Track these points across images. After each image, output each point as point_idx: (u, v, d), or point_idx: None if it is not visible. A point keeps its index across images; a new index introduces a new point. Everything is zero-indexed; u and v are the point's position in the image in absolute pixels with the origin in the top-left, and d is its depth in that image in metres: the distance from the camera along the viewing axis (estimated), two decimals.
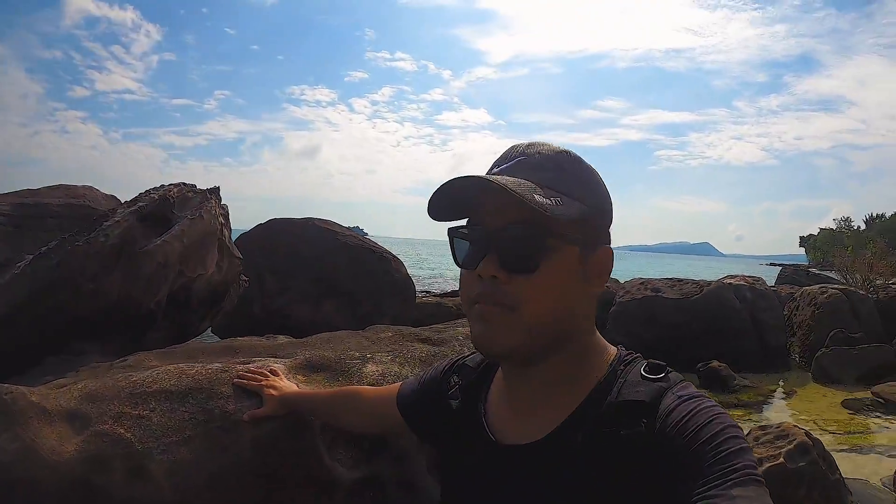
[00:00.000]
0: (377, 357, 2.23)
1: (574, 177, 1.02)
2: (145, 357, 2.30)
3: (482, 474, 1.10)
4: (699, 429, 0.86)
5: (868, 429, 7.13)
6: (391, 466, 2.02)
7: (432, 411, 1.31)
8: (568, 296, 1.00)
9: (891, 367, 9.62)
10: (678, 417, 0.89)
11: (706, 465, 0.82)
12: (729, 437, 0.84)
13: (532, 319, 0.98)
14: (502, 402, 1.14)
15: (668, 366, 1.01)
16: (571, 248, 0.99)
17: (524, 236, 0.97)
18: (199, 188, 3.71)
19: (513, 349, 1.00)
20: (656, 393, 0.95)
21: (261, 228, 7.96)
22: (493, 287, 0.99)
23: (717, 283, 11.29)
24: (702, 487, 0.80)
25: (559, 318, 1.00)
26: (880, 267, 16.18)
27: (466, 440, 1.17)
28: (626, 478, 0.90)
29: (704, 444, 0.84)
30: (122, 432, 1.69)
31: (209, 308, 3.91)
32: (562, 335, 1.02)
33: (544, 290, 0.97)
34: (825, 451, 4.38)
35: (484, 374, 1.23)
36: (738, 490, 0.77)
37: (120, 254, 3.01)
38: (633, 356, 1.07)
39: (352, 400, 1.65)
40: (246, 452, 1.77)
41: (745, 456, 0.82)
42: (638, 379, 0.99)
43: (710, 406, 0.91)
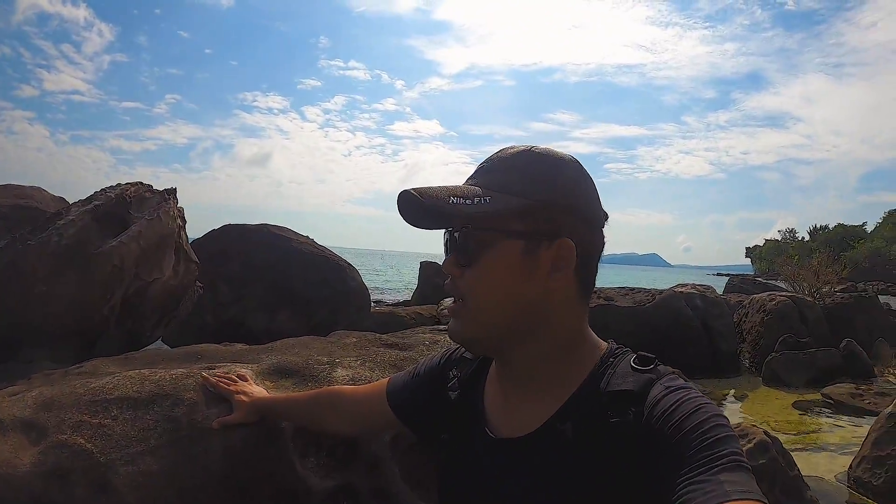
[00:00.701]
0: (345, 361, 2.18)
1: (518, 174, 1.04)
2: (102, 363, 2.20)
3: (478, 467, 1.12)
4: (686, 417, 0.87)
5: (819, 428, 7.37)
6: (365, 474, 1.97)
7: (430, 404, 1.31)
8: (511, 287, 1.03)
9: (839, 370, 9.96)
10: (665, 406, 0.91)
11: (693, 451, 0.82)
12: (715, 424, 0.85)
13: (476, 309, 1.05)
14: (497, 395, 1.16)
15: (657, 358, 1.03)
16: (512, 241, 1.02)
17: (461, 234, 1.04)
18: (156, 188, 3.62)
19: (469, 339, 1.09)
20: (644, 383, 0.97)
21: (213, 235, 7.78)
22: (452, 282, 1.08)
23: (669, 292, 11.55)
24: (689, 473, 0.80)
25: (506, 308, 1.04)
26: (827, 275, 16.56)
27: (464, 433, 1.19)
28: (616, 466, 0.91)
29: (691, 431, 0.85)
30: (83, 442, 1.60)
31: (163, 315, 3.80)
32: (523, 325, 1.05)
33: (483, 282, 1.03)
34: (783, 449, 4.47)
35: (481, 367, 1.24)
36: (726, 475, 0.78)
37: (74, 255, 2.90)
38: (623, 350, 1.09)
39: (335, 401, 1.61)
40: (216, 462, 1.69)
41: (731, 443, 0.83)
42: (627, 370, 1.01)
43: (697, 396, 0.92)
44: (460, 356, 1.31)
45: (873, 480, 5.14)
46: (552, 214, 1.04)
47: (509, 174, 1.04)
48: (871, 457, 5.24)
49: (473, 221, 1.02)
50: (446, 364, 1.33)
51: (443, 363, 1.35)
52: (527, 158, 1.06)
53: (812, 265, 17.28)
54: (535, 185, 1.03)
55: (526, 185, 1.03)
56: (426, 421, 1.33)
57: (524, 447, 1.04)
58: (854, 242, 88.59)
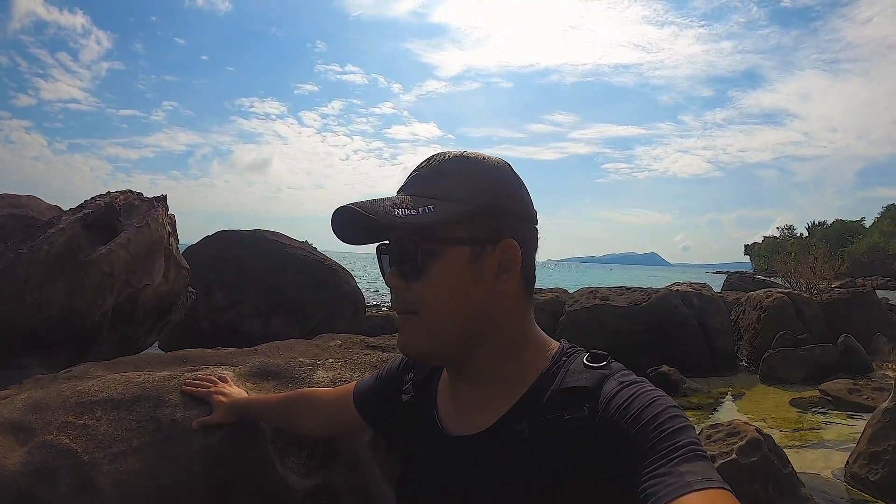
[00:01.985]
0: (327, 363, 2.22)
1: (456, 180, 1.04)
2: (92, 367, 2.23)
3: (434, 466, 1.12)
4: (641, 410, 0.88)
5: (816, 425, 7.35)
6: (345, 474, 2.00)
7: (389, 406, 1.32)
8: (463, 295, 1.03)
9: (836, 366, 9.92)
10: (620, 401, 0.91)
11: (651, 444, 0.83)
12: (671, 416, 0.86)
13: (431, 321, 1.03)
14: (450, 395, 1.17)
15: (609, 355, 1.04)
16: (458, 249, 1.02)
17: (403, 247, 1.03)
18: (146, 196, 3.63)
19: (425, 352, 1.07)
20: (598, 379, 0.97)
21: (209, 241, 7.79)
22: (398, 296, 1.06)
23: (665, 291, 11.49)
24: (649, 466, 0.80)
25: (459, 317, 1.03)
26: (823, 271, 16.57)
27: (420, 433, 1.20)
28: (573, 462, 0.91)
29: (647, 424, 0.85)
30: (68, 442, 1.64)
31: (156, 321, 3.82)
32: (474, 331, 1.05)
33: (435, 292, 1.02)
34: (776, 446, 4.46)
35: (435, 369, 1.25)
36: (686, 466, 0.78)
37: (64, 262, 2.95)
38: (575, 349, 1.10)
39: (307, 402, 1.64)
40: (196, 462, 1.73)
41: (688, 433, 0.84)
42: (580, 367, 1.01)
43: (652, 389, 0.93)
44: None
45: (870, 476, 5.13)
46: (493, 218, 1.04)
47: (446, 181, 1.04)
48: (868, 452, 5.24)
49: (420, 232, 1.00)
50: (405, 367, 1.35)
51: (402, 366, 1.36)
52: (460, 164, 1.06)
53: (809, 262, 17.30)
54: (473, 191, 1.03)
55: (465, 191, 1.03)
56: (389, 423, 1.36)
57: (478, 445, 1.04)
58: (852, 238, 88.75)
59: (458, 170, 1.05)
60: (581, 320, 10.77)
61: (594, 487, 0.89)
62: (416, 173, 1.08)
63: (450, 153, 1.08)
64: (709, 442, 4.53)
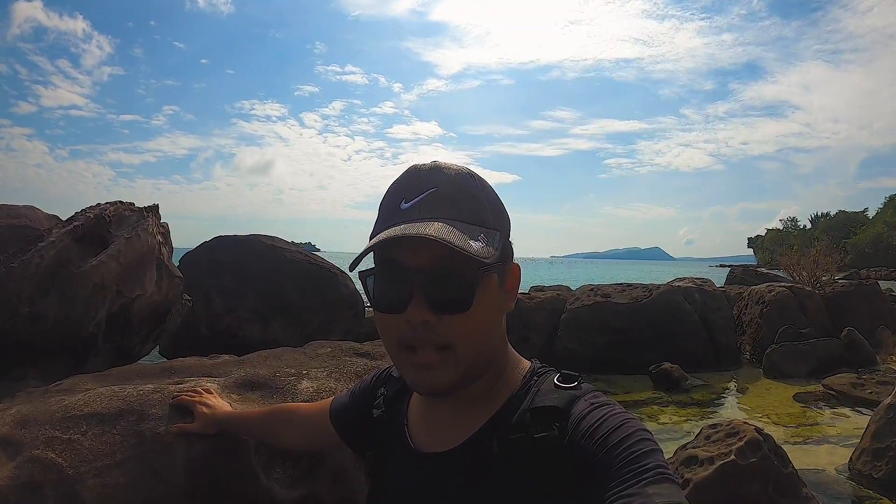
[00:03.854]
0: (312, 373, 2.23)
1: (486, 203, 1.02)
2: (81, 380, 2.25)
3: (404, 482, 1.11)
4: (610, 432, 0.88)
5: (820, 420, 7.37)
6: (330, 484, 2.01)
7: (361, 422, 1.32)
8: (496, 322, 1.03)
9: (840, 360, 9.91)
10: (591, 422, 0.91)
11: (619, 466, 0.83)
12: (640, 439, 0.86)
13: (468, 356, 0.98)
14: (422, 411, 1.17)
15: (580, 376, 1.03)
16: (493, 276, 0.99)
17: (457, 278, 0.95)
18: (136, 206, 3.63)
19: (452, 386, 0.99)
20: (568, 399, 0.97)
21: (205, 247, 7.80)
22: (425, 331, 0.96)
23: (667, 287, 11.50)
24: (617, 487, 0.81)
25: (489, 346, 1.03)
26: (826, 263, 16.54)
27: (389, 449, 1.20)
28: (541, 481, 0.91)
29: (616, 446, 0.85)
30: (54, 457, 1.65)
31: (151, 329, 3.84)
32: (490, 359, 1.04)
33: (477, 325, 0.98)
34: (776, 446, 4.44)
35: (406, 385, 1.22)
36: (653, 488, 0.78)
37: (55, 275, 2.97)
38: (546, 368, 1.10)
39: (288, 416, 1.65)
40: (179, 475, 1.74)
41: (656, 456, 0.84)
42: (551, 387, 1.01)
43: (621, 412, 0.93)
44: (389, 374, 1.33)
45: (874, 473, 5.12)
46: (506, 241, 1.03)
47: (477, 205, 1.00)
48: (872, 449, 5.23)
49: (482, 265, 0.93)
50: (377, 382, 1.35)
51: (374, 382, 1.36)
52: (477, 184, 1.02)
53: (812, 255, 17.26)
54: (497, 215, 1.03)
55: (494, 215, 1.02)
56: (361, 439, 1.35)
57: (448, 462, 1.04)
58: (856, 229, 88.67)
59: (482, 192, 1.02)
60: (582, 318, 10.79)
61: None
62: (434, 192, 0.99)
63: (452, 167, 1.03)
64: (708, 442, 4.52)
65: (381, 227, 0.99)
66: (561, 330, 10.88)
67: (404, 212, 0.98)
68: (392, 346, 1.01)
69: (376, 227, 1.01)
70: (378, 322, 1.03)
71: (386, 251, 0.97)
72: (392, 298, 0.98)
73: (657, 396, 8.50)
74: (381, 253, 0.99)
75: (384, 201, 1.04)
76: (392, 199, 1.02)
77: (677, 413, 7.74)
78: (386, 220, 0.99)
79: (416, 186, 1.01)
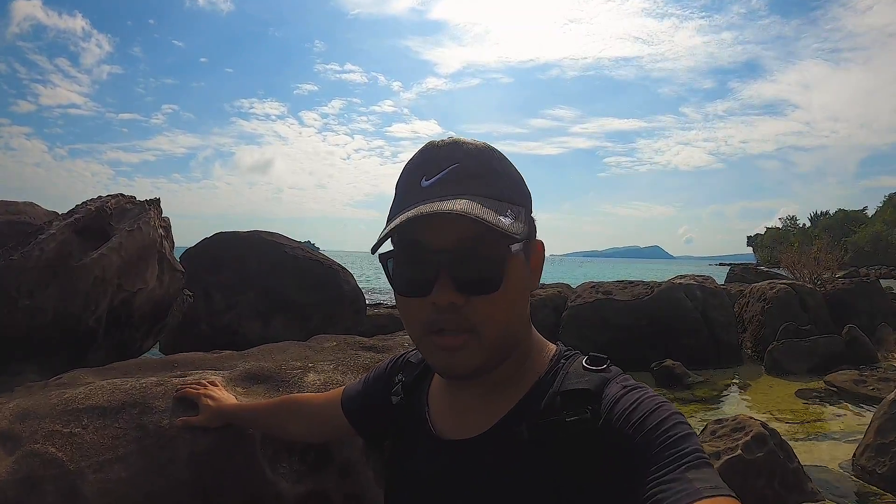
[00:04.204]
0: (319, 366, 2.18)
1: (508, 178, 0.99)
2: (81, 374, 2.21)
3: (426, 470, 1.08)
4: (647, 415, 0.86)
5: (823, 416, 7.37)
6: (337, 479, 1.96)
7: (376, 410, 1.29)
8: (522, 302, 1.00)
9: (841, 356, 9.92)
10: (626, 405, 0.89)
11: (658, 450, 0.82)
12: (676, 422, 0.85)
13: (495, 338, 0.95)
14: (445, 397, 1.13)
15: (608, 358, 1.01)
16: (520, 255, 0.96)
17: (485, 257, 0.92)
18: (138, 200, 3.60)
19: (478, 369, 0.97)
20: (600, 382, 0.95)
21: (206, 243, 7.76)
22: (451, 313, 0.93)
23: (668, 284, 11.54)
24: (656, 472, 0.79)
25: (515, 328, 0.99)
26: (827, 261, 16.55)
27: (410, 437, 1.16)
28: (573, 465, 0.89)
29: (654, 429, 0.84)
30: (54, 451, 1.62)
31: (152, 325, 3.81)
32: (515, 342, 1.01)
33: (505, 306, 0.95)
34: (782, 441, 4.44)
35: (426, 370, 1.22)
36: (693, 473, 0.77)
37: (56, 268, 2.94)
38: (573, 352, 1.07)
39: (296, 407, 1.60)
40: (183, 469, 1.70)
41: (693, 440, 0.83)
42: (580, 370, 0.99)
43: (655, 395, 0.92)
44: (406, 360, 1.29)
45: (878, 469, 5.12)
46: (529, 217, 1.01)
47: (502, 181, 0.98)
48: (875, 445, 5.22)
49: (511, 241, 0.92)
50: (393, 369, 1.31)
51: (390, 368, 1.32)
52: (497, 158, 1.00)
53: (812, 252, 17.26)
54: (520, 189, 1.00)
55: (518, 190, 1.00)
56: (376, 428, 1.31)
57: (474, 449, 1.01)
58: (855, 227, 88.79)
59: (502, 166, 1.00)
60: (584, 315, 10.79)
61: (595, 491, 0.87)
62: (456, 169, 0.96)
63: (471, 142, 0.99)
64: (714, 437, 4.51)
65: (400, 206, 0.96)
66: (562, 327, 10.89)
67: (426, 189, 0.95)
68: (416, 331, 0.98)
69: (394, 207, 0.98)
70: (400, 306, 1.00)
71: (408, 232, 0.93)
72: (416, 281, 0.94)
73: (659, 393, 8.42)
74: (402, 234, 0.96)
75: (402, 179, 1.00)
76: (411, 177, 0.98)
77: (679, 410, 7.71)
78: (406, 199, 0.96)
79: (436, 163, 0.97)
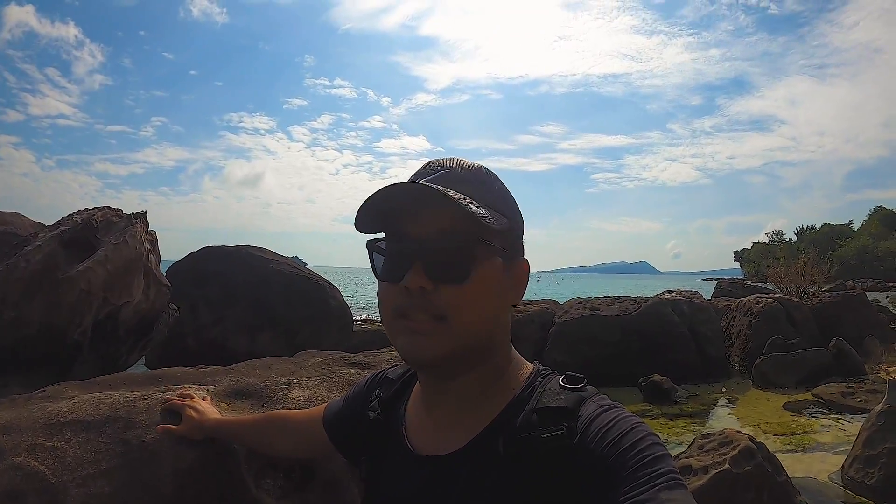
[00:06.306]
0: (304, 382, 2.18)
1: (494, 190, 1.05)
2: (66, 387, 2.19)
3: (403, 486, 1.09)
4: (623, 435, 0.87)
5: (811, 429, 7.40)
6: (322, 495, 1.94)
7: (354, 426, 1.30)
8: (494, 305, 1.02)
9: (829, 369, 9.97)
10: (602, 424, 0.90)
11: (631, 470, 0.83)
12: (651, 443, 0.86)
13: (461, 329, 0.98)
14: (421, 413, 1.14)
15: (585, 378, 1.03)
16: (498, 259, 1.00)
17: (456, 245, 0.97)
18: (124, 213, 3.57)
19: (442, 358, 0.99)
20: (576, 400, 0.96)
21: (193, 257, 7.73)
22: (420, 298, 0.97)
23: (655, 299, 11.60)
24: (630, 493, 0.80)
25: (486, 327, 1.02)
26: (813, 275, 16.64)
27: (386, 452, 1.17)
28: (548, 482, 0.90)
29: (629, 449, 0.85)
30: (37, 465, 1.60)
31: (138, 339, 3.78)
32: (487, 345, 1.03)
33: (474, 299, 0.98)
34: (770, 454, 4.45)
35: (404, 386, 1.24)
36: (666, 494, 0.78)
37: (42, 280, 2.91)
38: (549, 370, 1.10)
39: (281, 423, 1.61)
40: (166, 484, 1.68)
41: (667, 461, 0.84)
42: (556, 388, 1.01)
43: (631, 415, 0.92)
44: (384, 377, 1.32)
45: (866, 480, 5.14)
46: (517, 235, 1.07)
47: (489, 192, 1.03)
48: (864, 456, 5.25)
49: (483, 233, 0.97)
50: (371, 385, 1.33)
51: (368, 385, 1.35)
52: (489, 175, 1.06)
53: (798, 265, 17.36)
54: (505, 204, 1.05)
55: (504, 205, 1.04)
56: (355, 444, 1.31)
57: (451, 464, 1.01)
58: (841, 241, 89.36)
59: (492, 182, 1.06)
60: (571, 331, 10.81)
61: None
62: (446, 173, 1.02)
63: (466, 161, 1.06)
64: (701, 452, 4.52)
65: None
66: (550, 343, 10.91)
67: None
68: (388, 315, 1.02)
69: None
70: (379, 294, 1.05)
71: (394, 223, 1.01)
72: (393, 267, 1.00)
73: (647, 408, 8.48)
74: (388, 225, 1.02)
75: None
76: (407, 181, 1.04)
77: (668, 425, 7.75)
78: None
79: (431, 170, 1.05)
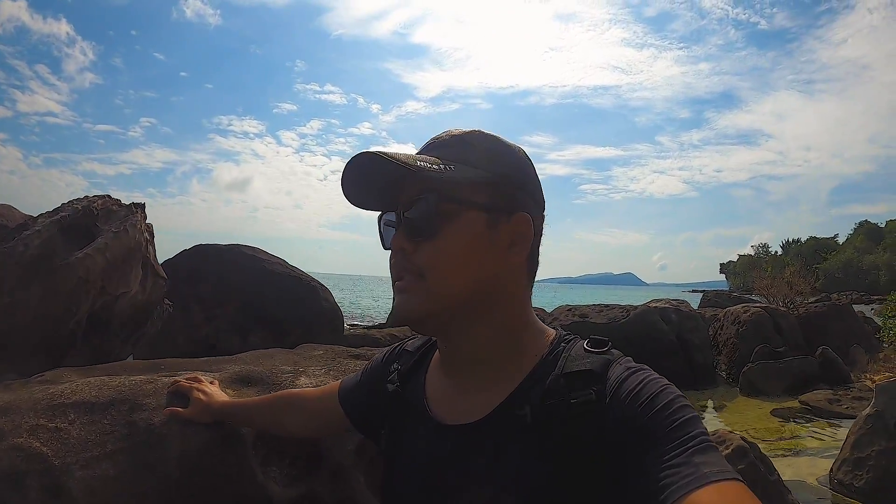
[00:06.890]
0: (310, 370, 2.15)
1: (477, 148, 1.05)
2: (65, 372, 2.12)
3: (426, 457, 1.08)
4: (653, 397, 0.87)
5: (799, 434, 7.50)
6: (329, 483, 1.91)
7: (373, 400, 1.28)
8: (475, 261, 1.01)
9: (816, 377, 10.05)
10: (631, 387, 0.89)
11: (664, 432, 0.82)
12: (682, 405, 0.85)
13: (437, 284, 1.00)
14: (441, 383, 1.14)
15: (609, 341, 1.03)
16: (475, 213, 1.01)
17: (420, 204, 1.00)
18: (124, 203, 3.55)
19: (423, 315, 1.02)
20: (603, 363, 0.96)
21: (186, 255, 7.64)
22: (403, 258, 1.02)
23: (644, 307, 11.67)
24: (663, 455, 0.79)
25: (467, 283, 1.01)
26: (799, 285, 16.74)
27: (406, 424, 1.16)
28: (578, 446, 0.89)
29: (660, 412, 0.84)
30: (38, 446, 1.55)
31: (131, 331, 3.74)
32: (477, 303, 1.02)
33: (447, 254, 0.99)
34: (762, 454, 4.47)
35: (423, 357, 1.23)
36: (700, 457, 0.78)
37: (39, 266, 2.87)
38: (572, 335, 1.09)
39: (291, 402, 1.59)
40: (173, 469, 1.64)
41: (698, 424, 0.84)
42: (581, 353, 1.00)
43: (658, 377, 0.92)
44: (402, 350, 1.31)
45: (855, 482, 5.18)
46: (511, 189, 1.04)
47: (469, 148, 1.04)
48: (852, 458, 5.28)
49: (440, 190, 0.99)
50: (389, 358, 1.32)
51: (386, 358, 1.33)
52: (480, 136, 1.07)
53: (785, 276, 17.45)
54: (494, 161, 1.04)
55: (486, 159, 1.03)
56: (373, 418, 1.29)
57: (476, 432, 1.01)
58: (826, 254, 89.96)
59: (480, 141, 1.06)
60: None
61: (599, 472, 0.87)
62: (434, 141, 1.07)
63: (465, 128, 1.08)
64: None
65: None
66: None
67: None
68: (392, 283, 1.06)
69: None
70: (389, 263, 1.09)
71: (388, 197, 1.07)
72: (386, 236, 1.09)
73: None
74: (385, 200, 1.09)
75: None
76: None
77: None
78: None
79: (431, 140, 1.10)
